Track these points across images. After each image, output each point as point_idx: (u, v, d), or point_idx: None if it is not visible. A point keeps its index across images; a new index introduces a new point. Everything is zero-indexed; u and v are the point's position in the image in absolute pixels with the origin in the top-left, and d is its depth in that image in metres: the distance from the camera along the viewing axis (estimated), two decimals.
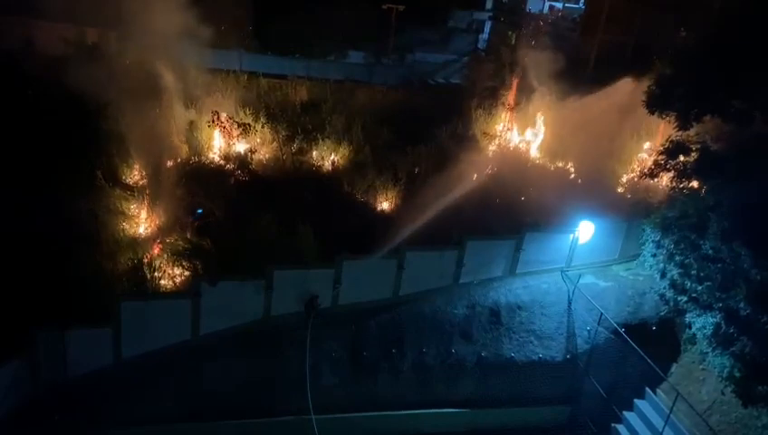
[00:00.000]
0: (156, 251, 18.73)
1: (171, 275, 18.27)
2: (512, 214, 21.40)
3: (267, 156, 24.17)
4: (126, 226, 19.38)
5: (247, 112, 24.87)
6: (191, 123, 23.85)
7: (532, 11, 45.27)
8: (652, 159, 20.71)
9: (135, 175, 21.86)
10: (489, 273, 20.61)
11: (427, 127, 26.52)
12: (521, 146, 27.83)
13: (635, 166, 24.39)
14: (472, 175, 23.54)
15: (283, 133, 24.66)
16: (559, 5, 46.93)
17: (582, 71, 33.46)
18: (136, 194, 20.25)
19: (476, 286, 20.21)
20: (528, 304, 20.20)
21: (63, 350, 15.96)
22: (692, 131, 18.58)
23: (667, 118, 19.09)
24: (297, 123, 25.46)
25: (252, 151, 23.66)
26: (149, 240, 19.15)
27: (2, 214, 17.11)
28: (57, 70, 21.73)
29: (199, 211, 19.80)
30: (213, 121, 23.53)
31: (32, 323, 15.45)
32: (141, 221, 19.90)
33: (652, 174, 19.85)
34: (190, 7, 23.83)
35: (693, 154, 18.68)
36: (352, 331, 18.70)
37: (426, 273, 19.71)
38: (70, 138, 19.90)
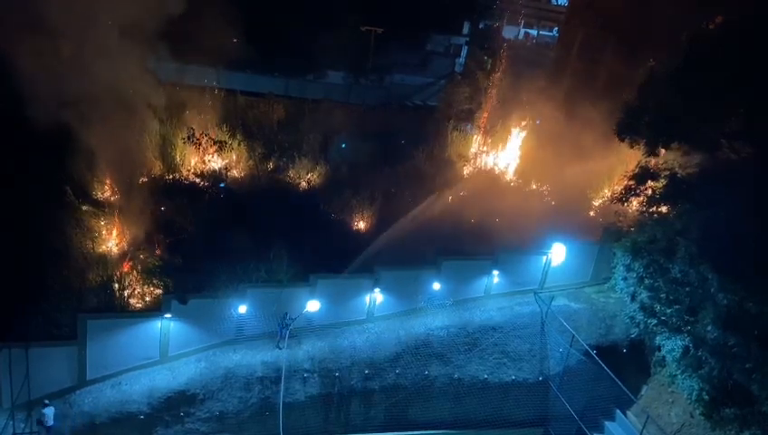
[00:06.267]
0: (125, 268, 18.34)
1: (141, 294, 17.87)
2: (486, 235, 21.56)
3: (243, 173, 23.99)
4: (95, 242, 18.93)
5: (224, 129, 24.71)
6: (165, 139, 23.57)
7: (508, 37, 46.27)
8: (623, 184, 21.13)
9: (106, 191, 21.45)
10: (464, 294, 20.71)
11: (403, 148, 26.73)
12: (496, 168, 28.18)
13: (606, 190, 24.87)
14: (447, 196, 23.72)
15: (260, 151, 24.57)
16: (534, 33, 48.10)
17: (555, 95, 34.09)
18: (107, 210, 19.83)
19: (451, 307, 20.21)
20: (502, 325, 20.26)
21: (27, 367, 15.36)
22: (660, 158, 19.06)
23: (636, 145, 19.57)
24: (274, 141, 25.40)
25: (227, 168, 23.39)
26: (119, 257, 18.74)
27: None
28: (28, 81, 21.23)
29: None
30: (188, 138, 23.30)
31: None
32: (111, 238, 19.48)
33: (622, 199, 20.26)
34: (168, 23, 23.63)
35: (662, 180, 19.15)
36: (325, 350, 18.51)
37: (401, 293, 19.68)
38: (38, 151, 19.41)
